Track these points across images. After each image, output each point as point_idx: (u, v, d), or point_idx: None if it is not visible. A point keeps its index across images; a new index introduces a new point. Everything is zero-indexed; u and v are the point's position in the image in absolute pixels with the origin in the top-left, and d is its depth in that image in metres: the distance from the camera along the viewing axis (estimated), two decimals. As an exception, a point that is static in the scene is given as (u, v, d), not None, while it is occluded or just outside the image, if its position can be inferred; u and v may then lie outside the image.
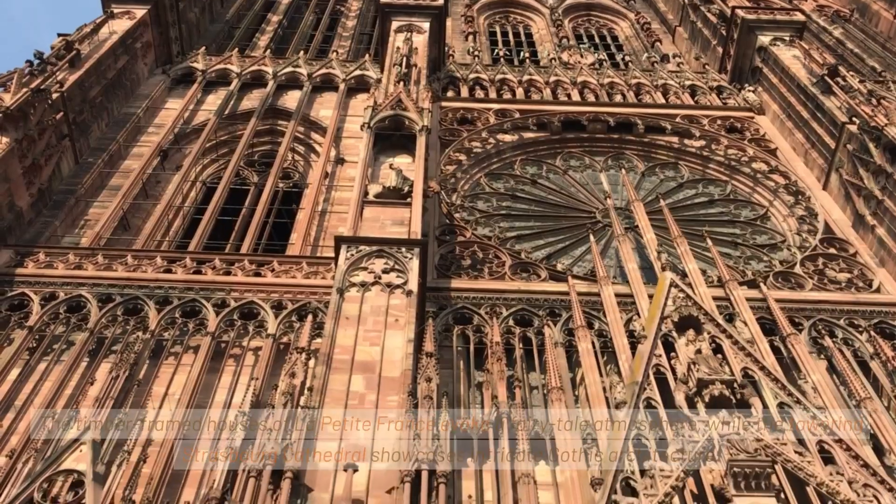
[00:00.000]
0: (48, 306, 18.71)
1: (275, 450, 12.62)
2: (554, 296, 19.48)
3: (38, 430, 15.28)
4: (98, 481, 13.91)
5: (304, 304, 18.87)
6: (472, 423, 15.61)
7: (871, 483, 14.10)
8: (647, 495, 13.61)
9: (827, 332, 18.97)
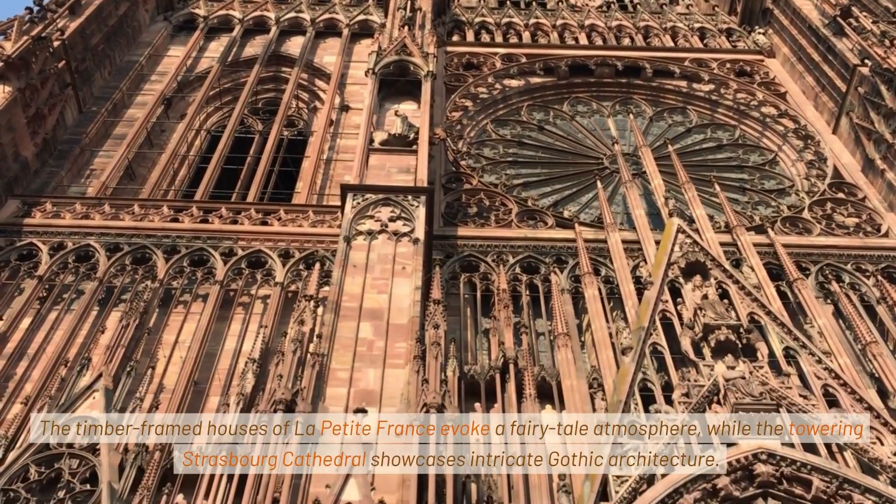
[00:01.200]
0: (57, 256, 18.80)
1: (285, 395, 12.78)
2: (560, 243, 19.47)
3: (52, 378, 15.52)
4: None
5: (312, 252, 18.92)
6: (479, 369, 15.77)
7: (875, 425, 14.26)
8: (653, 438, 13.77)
9: (834, 276, 18.96)
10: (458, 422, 13.15)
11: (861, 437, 13.95)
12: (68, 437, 14.11)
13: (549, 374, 15.80)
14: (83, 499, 13.11)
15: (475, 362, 16.16)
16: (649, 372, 15.14)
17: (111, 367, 15.39)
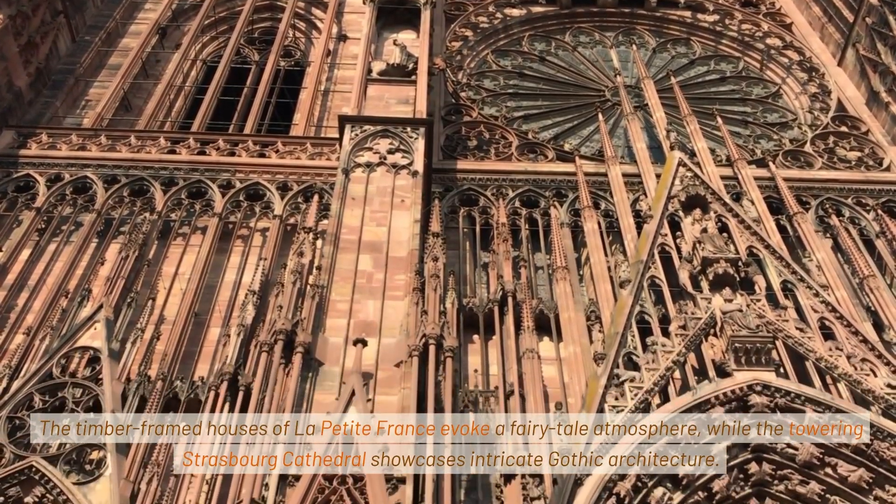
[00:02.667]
0: (54, 188, 18.71)
1: (286, 325, 12.87)
2: (561, 176, 19.36)
3: (53, 309, 15.61)
4: (114, 358, 14.32)
5: (310, 185, 18.82)
6: (477, 302, 15.85)
7: (869, 358, 14.42)
8: (649, 369, 13.95)
9: (834, 210, 18.93)
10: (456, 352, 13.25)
11: (855, 369, 14.10)
12: (71, 366, 14.28)
13: (548, 306, 15.90)
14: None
15: (474, 295, 16.24)
16: (647, 305, 15.22)
17: (111, 298, 15.46)
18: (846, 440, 13.38)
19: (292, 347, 12.76)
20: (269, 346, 12.75)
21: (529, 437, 12.97)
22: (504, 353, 14.68)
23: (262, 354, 12.79)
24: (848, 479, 13.32)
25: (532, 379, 13.95)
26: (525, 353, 14.47)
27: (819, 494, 13.43)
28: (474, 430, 13.31)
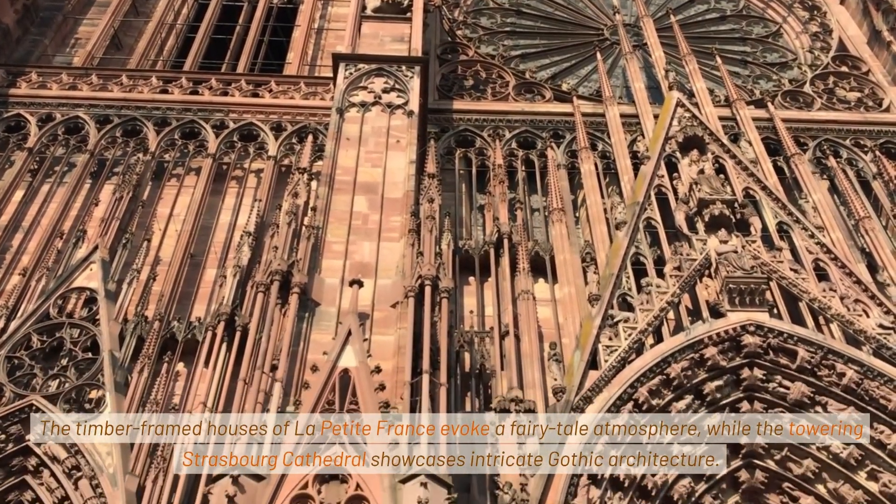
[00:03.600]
0: (46, 128, 18.51)
1: (281, 266, 12.87)
2: (558, 117, 19.18)
3: (49, 250, 15.60)
4: (110, 298, 14.38)
5: (304, 125, 18.63)
6: (473, 244, 15.85)
7: (862, 298, 14.51)
8: (643, 310, 14.04)
9: (832, 152, 18.84)
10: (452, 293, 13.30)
11: (848, 309, 14.21)
12: (68, 307, 14.34)
13: (543, 248, 15.91)
14: (86, 366, 13.42)
15: (470, 237, 16.22)
16: (642, 246, 15.24)
17: (107, 239, 15.44)
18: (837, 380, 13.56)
19: (288, 288, 12.79)
20: (265, 286, 12.77)
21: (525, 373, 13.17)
22: (499, 294, 14.74)
23: (259, 295, 12.82)
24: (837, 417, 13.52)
25: (527, 320, 14.05)
26: (520, 294, 14.53)
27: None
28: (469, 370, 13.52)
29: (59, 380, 13.28)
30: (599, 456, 12.38)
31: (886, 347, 13.75)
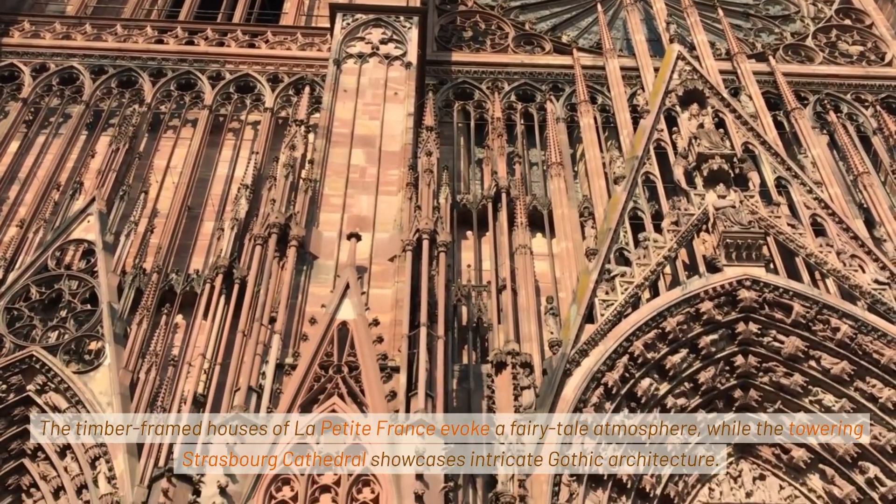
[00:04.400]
0: (40, 78, 18.32)
1: (279, 219, 12.85)
2: (558, 69, 19.00)
3: (45, 202, 15.55)
4: (108, 250, 14.37)
5: (301, 77, 18.45)
6: (471, 198, 15.82)
7: (859, 254, 14.57)
8: (640, 265, 14.09)
9: (832, 106, 18.72)
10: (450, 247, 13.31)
11: (844, 264, 14.27)
12: (66, 259, 14.35)
13: (541, 203, 15.89)
14: (84, 318, 13.48)
15: (468, 191, 16.18)
16: (640, 201, 15.23)
17: (104, 191, 15.38)
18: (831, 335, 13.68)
19: (286, 241, 12.80)
20: (263, 239, 12.78)
21: (521, 327, 13.28)
22: (497, 248, 14.77)
23: (257, 248, 12.84)
24: (830, 371, 13.69)
25: (524, 274, 14.10)
26: (518, 248, 14.56)
27: (802, 386, 13.84)
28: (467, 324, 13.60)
29: (58, 331, 13.35)
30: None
31: (881, 303, 13.84)
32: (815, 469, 13.75)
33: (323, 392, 10.48)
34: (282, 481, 9.65)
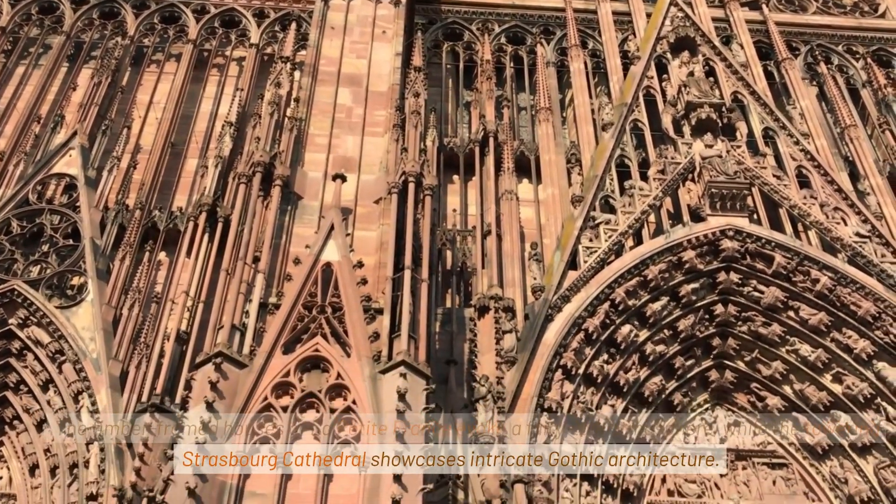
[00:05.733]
0: (18, 6, 17.88)
1: (263, 158, 12.71)
2: (549, 12, 18.70)
3: (26, 135, 15.31)
4: (90, 185, 14.25)
5: (287, 12, 18.10)
6: (458, 142, 15.71)
7: (842, 206, 14.66)
8: (625, 212, 14.13)
9: (823, 58, 18.61)
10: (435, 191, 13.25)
11: (827, 217, 14.36)
12: (47, 193, 14.20)
13: (529, 148, 15.82)
14: (67, 253, 13.41)
15: (455, 135, 16.07)
16: (627, 148, 15.19)
17: (85, 125, 15.16)
18: (811, 286, 13.84)
19: (271, 180, 12.69)
20: (247, 178, 12.66)
21: (505, 272, 13.35)
22: (483, 193, 14.75)
23: (241, 186, 12.71)
24: (808, 321, 13.89)
25: (509, 220, 14.12)
26: (504, 194, 14.55)
27: (779, 335, 14.05)
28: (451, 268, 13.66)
29: (40, 265, 13.29)
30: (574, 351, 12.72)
31: (861, 255, 13.98)
32: (788, 417, 14.06)
33: (306, 332, 10.50)
34: (264, 418, 9.73)
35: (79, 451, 11.79)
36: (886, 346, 13.51)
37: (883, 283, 13.74)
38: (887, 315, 13.53)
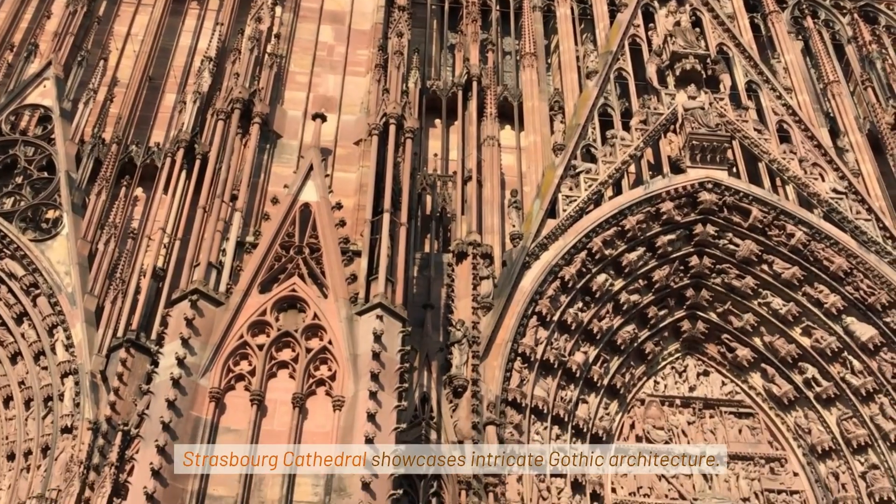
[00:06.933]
0: (-10, -71, 17.26)
1: (243, 94, 12.51)
2: (537, -47, 18.34)
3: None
4: (66, 118, 14.01)
5: (271, -55, 17.59)
6: (441, 85, 15.55)
7: (820, 162, 14.75)
8: (605, 162, 14.14)
9: (810, 12, 18.46)
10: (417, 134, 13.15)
11: (805, 172, 14.45)
12: (21, 124, 13.95)
13: (512, 94, 15.69)
14: (41, 185, 13.25)
15: (438, 78, 15.88)
16: (611, 97, 15.12)
17: (61, 55, 14.82)
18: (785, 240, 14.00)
19: (249, 118, 12.52)
20: (225, 114, 12.46)
21: (485, 218, 13.38)
22: (465, 138, 14.65)
23: (219, 123, 12.52)
24: (782, 275, 14.09)
25: (490, 166, 14.08)
26: (486, 140, 14.48)
27: (752, 288, 14.25)
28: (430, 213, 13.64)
29: (14, 197, 13.14)
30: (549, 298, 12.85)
31: (836, 211, 14.13)
32: (757, 368, 14.36)
33: (283, 272, 10.51)
34: (240, 356, 9.79)
35: (53, 385, 11.84)
36: (856, 301, 13.76)
37: (856, 239, 13.92)
38: (858, 271, 13.75)
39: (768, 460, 13.82)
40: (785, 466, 13.80)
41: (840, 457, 13.55)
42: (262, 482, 8.97)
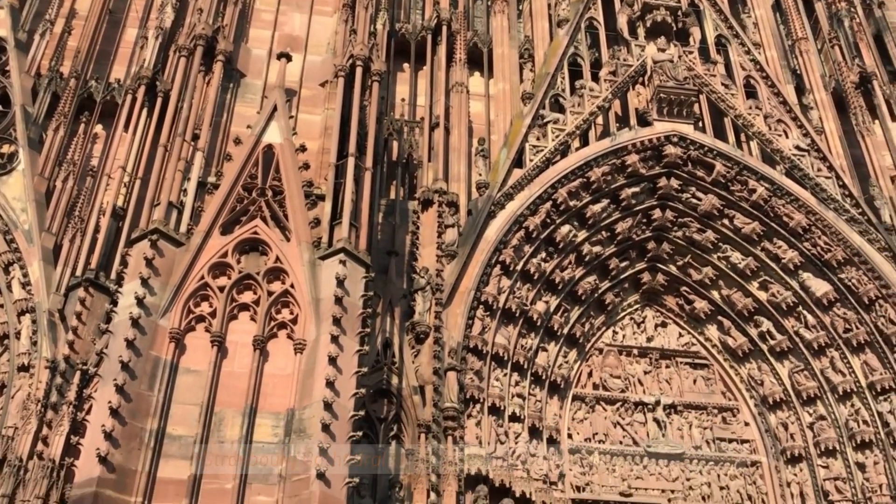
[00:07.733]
0: None
1: (206, 31, 12.17)
2: None
3: (-51, -9, 14.38)
4: (21, 49, 13.58)
5: None
6: (411, 28, 15.29)
7: (785, 119, 14.86)
8: (573, 112, 14.10)
9: (782, -34, 18.40)
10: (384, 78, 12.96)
11: (769, 128, 14.57)
12: (-26, 53, 13.51)
13: (482, 40, 15.51)
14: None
15: (407, 21, 15.59)
16: (581, 47, 15.02)
17: (15, -19, 14.28)
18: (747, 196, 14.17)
19: (213, 55, 12.23)
20: (188, 51, 12.14)
21: (451, 166, 13.32)
22: (433, 84, 14.46)
23: (181, 60, 12.19)
24: (742, 230, 14.29)
25: (459, 113, 13.99)
26: (454, 86, 14.35)
27: (713, 242, 14.46)
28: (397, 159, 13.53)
29: (-34, 131, 12.76)
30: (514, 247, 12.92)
31: (798, 168, 14.30)
32: (713, 320, 14.65)
33: (245, 214, 10.38)
34: (200, 297, 9.72)
35: (10, 322, 11.68)
36: (813, 257, 14.03)
37: (816, 196, 14.14)
38: (817, 228, 14.00)
39: (721, 410, 14.21)
40: (737, 416, 14.21)
41: (790, 408, 13.96)
42: (223, 422, 9.00)
